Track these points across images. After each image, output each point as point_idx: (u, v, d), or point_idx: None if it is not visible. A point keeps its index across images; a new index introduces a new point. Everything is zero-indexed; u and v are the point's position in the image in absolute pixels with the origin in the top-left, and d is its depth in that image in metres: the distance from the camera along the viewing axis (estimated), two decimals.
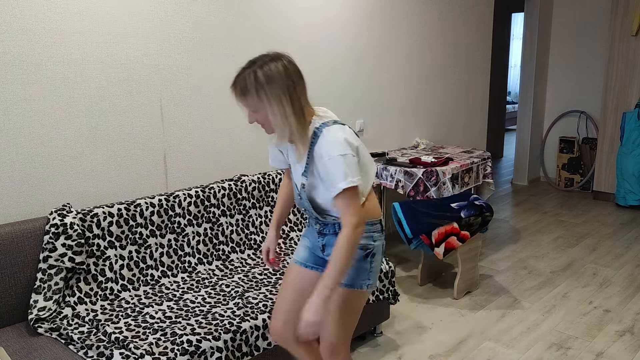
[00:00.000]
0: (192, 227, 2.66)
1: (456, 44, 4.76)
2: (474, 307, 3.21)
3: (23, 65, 2.24)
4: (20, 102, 2.26)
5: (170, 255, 2.58)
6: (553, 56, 5.99)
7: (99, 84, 2.49)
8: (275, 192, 3.02)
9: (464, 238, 3.16)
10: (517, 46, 10.50)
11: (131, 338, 1.99)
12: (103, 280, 2.35)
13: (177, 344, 1.95)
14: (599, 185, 5.47)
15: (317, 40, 3.48)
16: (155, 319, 2.16)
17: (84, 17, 2.40)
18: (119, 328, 2.08)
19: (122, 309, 2.25)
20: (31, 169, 2.32)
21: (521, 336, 2.87)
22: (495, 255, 4.04)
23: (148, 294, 2.40)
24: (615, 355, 2.68)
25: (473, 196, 3.37)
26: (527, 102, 5.97)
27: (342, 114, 3.74)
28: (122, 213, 2.42)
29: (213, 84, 2.95)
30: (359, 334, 2.70)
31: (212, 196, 2.76)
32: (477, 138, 5.30)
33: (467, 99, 5.04)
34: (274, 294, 2.37)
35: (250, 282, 2.51)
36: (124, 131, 2.61)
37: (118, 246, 2.41)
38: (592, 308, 3.19)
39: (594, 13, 5.60)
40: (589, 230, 4.57)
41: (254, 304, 2.28)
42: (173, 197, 2.61)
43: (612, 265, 3.81)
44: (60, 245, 2.19)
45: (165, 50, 2.71)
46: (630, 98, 5.14)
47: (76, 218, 2.27)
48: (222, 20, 2.93)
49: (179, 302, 2.32)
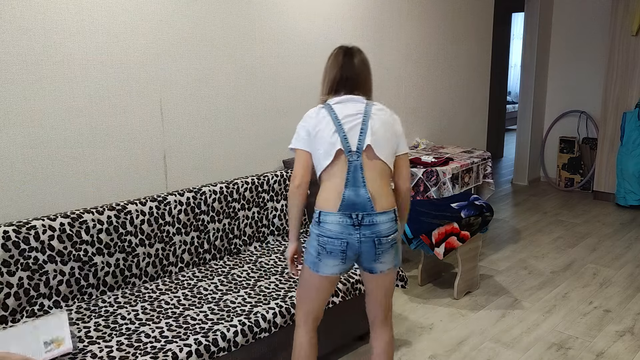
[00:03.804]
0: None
1: (456, 44, 4.76)
2: (474, 307, 3.21)
3: (23, 65, 2.24)
4: (20, 102, 2.26)
5: (155, 265, 2.58)
6: (553, 56, 5.99)
7: (99, 84, 2.49)
8: (266, 193, 3.02)
9: (464, 238, 3.15)
10: (517, 46, 10.49)
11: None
12: (85, 284, 2.35)
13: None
14: (599, 185, 5.47)
15: (317, 40, 3.48)
16: (128, 320, 2.16)
17: (84, 17, 2.40)
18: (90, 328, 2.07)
19: (97, 309, 2.26)
20: (31, 169, 2.32)
21: (521, 336, 2.87)
22: (495, 255, 4.04)
23: (146, 309, 2.40)
24: (615, 356, 2.68)
25: (473, 196, 3.36)
26: (527, 102, 5.97)
27: None
28: (111, 221, 2.42)
29: (213, 84, 2.95)
30: (358, 334, 2.70)
31: (203, 202, 2.76)
32: (477, 138, 5.30)
33: (467, 99, 5.04)
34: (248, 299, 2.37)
35: (230, 283, 2.52)
36: (124, 131, 2.61)
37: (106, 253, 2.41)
38: (593, 308, 3.18)
39: (594, 13, 5.60)
40: (589, 230, 4.57)
41: (230, 307, 2.28)
42: (164, 204, 2.61)
43: (613, 265, 3.81)
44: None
45: (165, 50, 2.71)
46: (630, 98, 5.14)
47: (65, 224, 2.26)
48: (222, 20, 2.93)
49: (178, 319, 2.32)
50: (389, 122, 1.97)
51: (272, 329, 2.20)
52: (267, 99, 3.25)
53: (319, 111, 1.96)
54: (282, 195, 3.08)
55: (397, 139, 1.99)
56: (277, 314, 2.22)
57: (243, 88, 3.10)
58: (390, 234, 1.91)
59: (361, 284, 2.58)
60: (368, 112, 1.94)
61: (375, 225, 1.88)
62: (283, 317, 2.24)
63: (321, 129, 1.91)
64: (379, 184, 1.91)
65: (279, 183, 3.07)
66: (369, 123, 1.92)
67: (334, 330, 2.54)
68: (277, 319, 2.22)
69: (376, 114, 1.95)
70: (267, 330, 2.18)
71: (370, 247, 1.89)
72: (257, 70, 3.15)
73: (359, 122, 1.92)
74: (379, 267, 1.94)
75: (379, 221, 1.89)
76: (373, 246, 1.89)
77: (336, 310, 2.51)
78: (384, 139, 1.93)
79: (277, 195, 3.06)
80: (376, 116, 1.94)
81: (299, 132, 1.97)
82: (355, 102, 1.96)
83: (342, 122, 1.91)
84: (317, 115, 1.95)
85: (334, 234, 1.87)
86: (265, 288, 2.44)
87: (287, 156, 3.42)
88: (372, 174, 1.91)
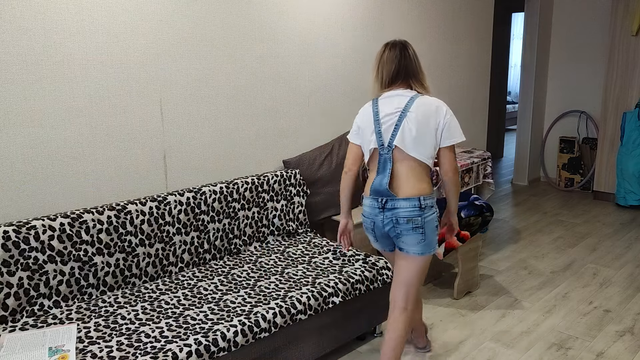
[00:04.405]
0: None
1: (456, 44, 4.76)
2: (474, 307, 3.21)
3: (23, 65, 2.24)
4: (20, 102, 2.26)
5: (155, 265, 2.58)
6: (553, 56, 5.99)
7: (99, 84, 2.49)
8: (266, 193, 3.02)
9: (464, 238, 3.15)
10: (517, 46, 10.49)
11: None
12: (85, 284, 2.35)
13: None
14: (599, 185, 5.47)
15: (317, 40, 3.48)
16: (126, 319, 2.16)
17: (84, 17, 2.40)
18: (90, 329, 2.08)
19: (97, 308, 2.26)
20: (31, 169, 2.32)
21: (521, 336, 2.87)
22: (495, 255, 4.04)
23: (146, 309, 2.40)
24: (615, 356, 2.68)
25: (473, 196, 3.36)
26: (527, 102, 5.97)
27: (342, 114, 3.74)
28: (111, 221, 2.42)
29: (213, 84, 2.95)
30: (358, 334, 2.70)
31: (203, 202, 2.76)
32: (477, 138, 5.30)
33: (467, 99, 5.04)
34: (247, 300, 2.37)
35: (229, 283, 2.52)
36: (124, 131, 2.61)
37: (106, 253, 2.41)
38: (593, 308, 3.18)
39: (594, 13, 5.60)
40: (589, 230, 4.56)
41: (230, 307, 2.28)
42: (164, 204, 2.61)
43: (613, 265, 3.81)
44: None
45: (165, 50, 2.71)
46: (630, 98, 5.14)
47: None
48: (222, 20, 2.93)
49: (178, 319, 2.32)
50: (430, 115, 2.13)
51: (272, 329, 2.20)
52: (267, 99, 3.25)
53: (367, 107, 2.24)
54: (282, 195, 3.09)
55: (436, 133, 2.14)
56: (277, 314, 2.22)
57: (243, 88, 3.10)
58: (409, 217, 2.13)
59: (361, 284, 2.58)
60: (407, 108, 2.13)
61: (397, 208, 2.14)
62: (283, 317, 2.24)
63: (364, 127, 2.22)
64: (405, 176, 2.15)
65: (279, 183, 3.07)
66: (403, 123, 2.12)
67: (334, 330, 2.54)
68: (277, 319, 2.22)
69: (416, 110, 2.13)
70: (267, 330, 2.18)
71: (392, 227, 2.17)
72: (257, 70, 3.15)
73: (394, 121, 2.14)
74: (404, 247, 2.19)
75: (399, 205, 2.14)
76: (393, 226, 2.16)
77: (336, 310, 2.51)
78: (416, 138, 2.12)
79: (277, 195, 3.06)
80: (414, 113, 2.12)
81: (353, 126, 2.29)
82: (400, 97, 2.17)
83: (381, 121, 2.17)
84: (364, 111, 2.25)
85: (367, 214, 2.23)
86: (265, 288, 2.44)
87: (287, 156, 3.42)
88: (401, 167, 2.15)
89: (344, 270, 2.63)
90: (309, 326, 2.39)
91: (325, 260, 2.76)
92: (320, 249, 2.91)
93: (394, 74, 2.20)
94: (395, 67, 2.19)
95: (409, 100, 2.14)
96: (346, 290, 2.50)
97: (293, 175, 3.15)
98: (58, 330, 2.02)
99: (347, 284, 2.52)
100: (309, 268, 2.66)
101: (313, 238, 3.09)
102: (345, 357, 2.70)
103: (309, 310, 2.34)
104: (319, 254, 2.84)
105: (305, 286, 2.45)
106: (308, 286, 2.45)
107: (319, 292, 2.40)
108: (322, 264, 2.71)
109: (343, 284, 2.50)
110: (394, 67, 2.19)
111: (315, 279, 2.53)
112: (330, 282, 2.49)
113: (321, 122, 3.61)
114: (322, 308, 2.40)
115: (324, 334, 2.49)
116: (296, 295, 2.35)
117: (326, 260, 2.75)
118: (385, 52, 2.23)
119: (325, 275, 2.56)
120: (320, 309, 2.40)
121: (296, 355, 2.38)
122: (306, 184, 3.27)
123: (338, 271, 2.61)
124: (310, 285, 2.45)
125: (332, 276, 2.55)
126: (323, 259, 2.77)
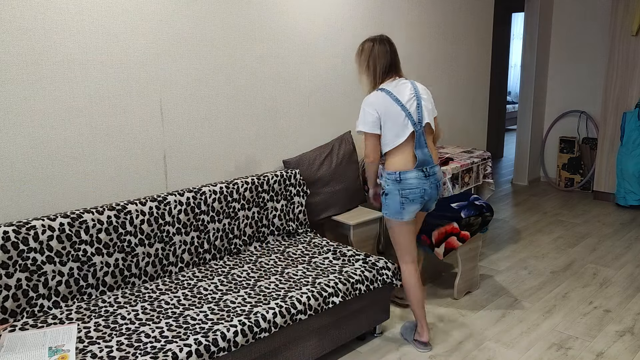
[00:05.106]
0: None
1: (456, 44, 4.76)
2: (474, 307, 3.21)
3: (23, 65, 2.24)
4: (20, 102, 2.26)
5: (155, 264, 2.58)
6: (553, 56, 5.99)
7: (99, 84, 2.49)
8: (266, 193, 3.02)
9: (464, 238, 3.15)
10: (517, 46, 10.49)
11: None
12: (84, 285, 2.35)
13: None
14: (599, 185, 5.47)
15: (317, 40, 3.48)
16: (128, 319, 2.16)
17: (84, 17, 2.40)
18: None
19: (97, 308, 2.26)
20: (31, 169, 2.32)
21: (521, 336, 2.87)
22: (495, 255, 4.03)
23: (146, 309, 2.40)
24: (615, 356, 2.68)
25: (473, 196, 3.36)
26: (527, 102, 5.97)
27: (342, 114, 3.74)
28: (111, 221, 2.42)
29: (213, 84, 2.95)
30: (358, 334, 2.70)
31: (203, 202, 2.76)
32: (477, 138, 5.30)
33: (467, 99, 5.04)
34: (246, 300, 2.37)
35: (230, 283, 2.52)
36: (124, 131, 2.61)
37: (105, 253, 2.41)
38: (592, 308, 3.18)
39: (594, 13, 5.60)
40: (589, 230, 4.56)
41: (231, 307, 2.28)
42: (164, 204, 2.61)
43: (612, 265, 3.81)
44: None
45: (165, 50, 2.71)
46: (630, 98, 5.14)
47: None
48: (222, 20, 2.93)
49: (178, 319, 2.32)
50: (428, 94, 2.57)
51: (272, 329, 2.20)
52: (267, 99, 3.25)
53: (385, 98, 2.43)
54: (282, 195, 3.09)
55: (433, 106, 2.56)
56: (277, 314, 2.22)
57: (243, 88, 3.10)
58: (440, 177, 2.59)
59: (361, 284, 2.58)
60: (416, 90, 2.49)
61: (436, 174, 2.55)
62: (283, 317, 2.24)
63: (391, 114, 2.42)
64: (430, 143, 2.54)
65: (279, 183, 3.07)
66: (422, 102, 2.48)
67: (334, 330, 2.55)
68: (277, 319, 2.22)
69: (420, 90, 2.51)
70: (267, 330, 2.18)
71: (435, 190, 2.56)
72: (257, 70, 3.15)
73: (415, 102, 2.47)
74: (430, 205, 2.62)
75: (437, 171, 2.55)
76: (436, 189, 2.57)
77: (336, 310, 2.51)
78: (429, 110, 2.52)
79: (277, 195, 3.06)
80: (421, 92, 2.50)
81: (366, 118, 2.45)
82: (404, 84, 2.48)
83: (407, 105, 2.44)
84: (381, 101, 2.43)
85: (414, 185, 2.48)
86: (265, 288, 2.44)
87: (287, 156, 3.42)
88: (428, 140, 2.54)
89: (344, 270, 2.63)
90: (309, 326, 2.39)
91: (325, 260, 2.76)
92: (320, 249, 2.91)
93: (387, 66, 2.49)
94: (388, 60, 2.49)
95: (412, 85, 2.49)
96: (346, 290, 2.50)
97: (293, 175, 3.15)
98: (58, 330, 2.02)
99: (347, 284, 2.52)
100: (309, 268, 2.66)
101: (313, 238, 3.09)
102: (345, 357, 2.70)
103: (309, 310, 2.34)
104: (319, 254, 2.84)
105: (305, 286, 2.45)
106: (308, 286, 2.45)
107: (319, 292, 2.40)
108: (322, 264, 2.71)
109: (343, 284, 2.50)
110: (387, 60, 2.49)
111: (315, 279, 2.53)
112: (330, 282, 2.49)
113: (321, 122, 3.61)
114: (322, 308, 2.40)
115: (324, 334, 2.49)
116: (296, 295, 2.35)
117: (326, 260, 2.75)
118: (375, 46, 2.49)
119: (325, 275, 2.56)
120: (320, 309, 2.40)
121: (296, 355, 2.38)
122: (306, 184, 3.27)
123: (338, 271, 2.61)
124: (310, 285, 2.45)
125: (332, 276, 2.55)
126: (323, 259, 2.77)
